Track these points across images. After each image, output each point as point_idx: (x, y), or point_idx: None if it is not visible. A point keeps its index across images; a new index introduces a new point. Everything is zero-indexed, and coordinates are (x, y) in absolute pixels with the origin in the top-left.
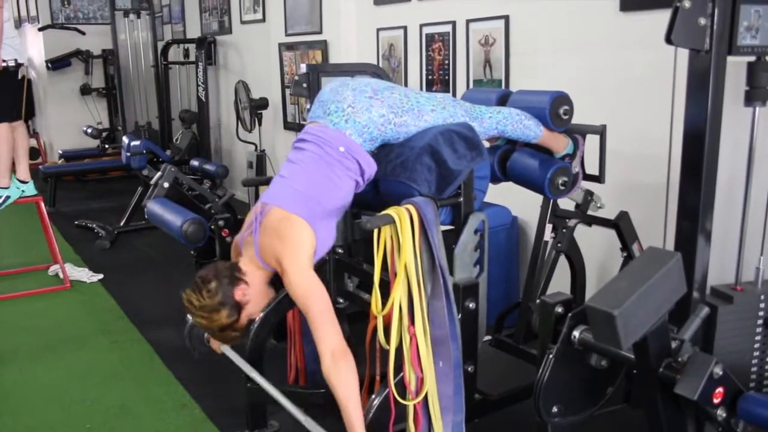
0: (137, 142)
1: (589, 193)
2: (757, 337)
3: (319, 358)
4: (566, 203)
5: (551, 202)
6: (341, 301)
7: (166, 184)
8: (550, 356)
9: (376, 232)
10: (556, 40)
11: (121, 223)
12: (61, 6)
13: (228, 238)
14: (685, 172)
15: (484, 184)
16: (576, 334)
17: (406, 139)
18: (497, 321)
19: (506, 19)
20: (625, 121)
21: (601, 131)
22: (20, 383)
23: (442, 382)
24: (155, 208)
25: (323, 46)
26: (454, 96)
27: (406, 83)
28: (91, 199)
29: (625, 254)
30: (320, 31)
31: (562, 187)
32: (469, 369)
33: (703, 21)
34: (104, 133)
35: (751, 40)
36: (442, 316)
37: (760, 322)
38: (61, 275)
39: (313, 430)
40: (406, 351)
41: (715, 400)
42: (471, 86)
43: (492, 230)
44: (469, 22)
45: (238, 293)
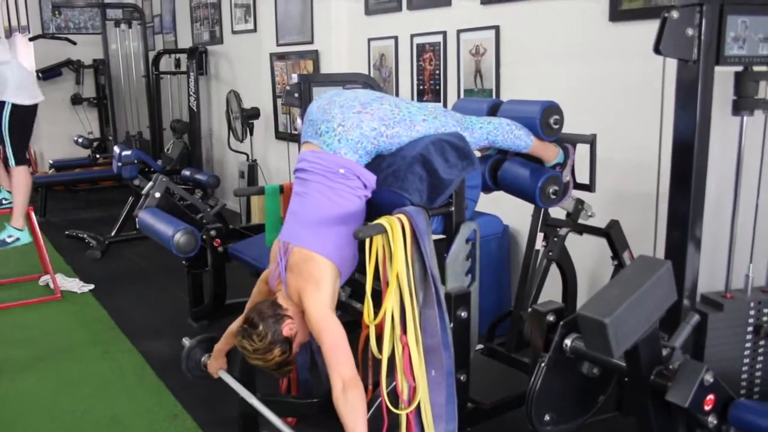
0: (128, 152)
1: (580, 202)
2: (748, 344)
3: (310, 368)
4: (557, 212)
5: (542, 211)
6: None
7: (158, 194)
8: (542, 365)
9: (368, 241)
10: (546, 50)
11: (112, 233)
12: (52, 16)
13: (219, 248)
14: (675, 180)
15: (475, 193)
16: (568, 342)
17: (398, 148)
18: (489, 330)
19: (497, 29)
20: (615, 131)
21: (592, 140)
22: (10, 394)
23: (435, 391)
24: (146, 218)
25: (314, 55)
26: (445, 106)
27: (398, 93)
28: (82, 209)
29: (615, 262)
30: (311, 41)
31: (553, 196)
32: (462, 378)
33: (690, 31)
34: (95, 143)
35: (738, 51)
36: (434, 325)
37: (750, 329)
38: (52, 286)
39: None
40: (399, 360)
41: (706, 408)
42: (462, 96)
43: (483, 239)
44: (459, 32)
45: (286, 329)
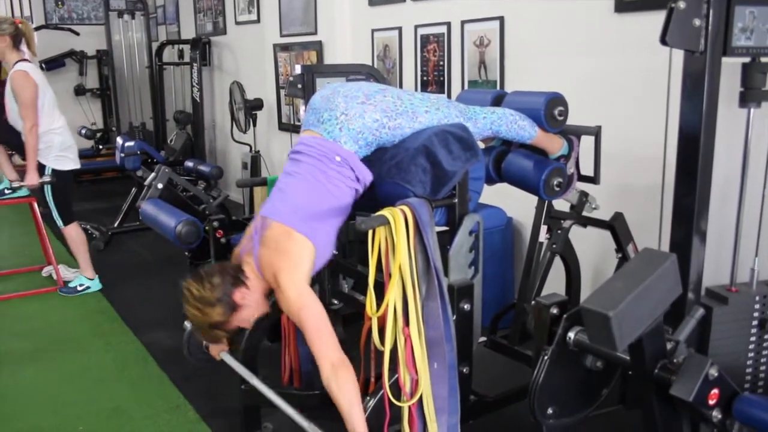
0: (131, 143)
1: (584, 194)
2: (752, 338)
3: (313, 359)
4: (561, 204)
5: (546, 203)
6: (336, 303)
7: (161, 185)
8: (545, 357)
9: (370, 233)
10: (551, 41)
11: (116, 224)
12: (55, 6)
13: (222, 239)
14: (680, 173)
15: (479, 185)
16: (571, 335)
17: (401, 140)
18: (492, 322)
19: (501, 20)
20: (620, 122)
21: (596, 132)
22: (13, 385)
23: (437, 383)
24: (149, 209)
25: (318, 46)
26: (449, 97)
27: (401, 84)
28: (85, 200)
29: (620, 255)
30: (315, 32)
31: (557, 189)
32: (464, 370)
33: (697, 22)
34: (98, 134)
35: (746, 42)
36: (436, 318)
37: (755, 323)
38: (55, 276)
39: None
40: (401, 352)
41: (711, 402)
42: (466, 87)
43: (487, 231)
44: (464, 23)
45: (238, 295)
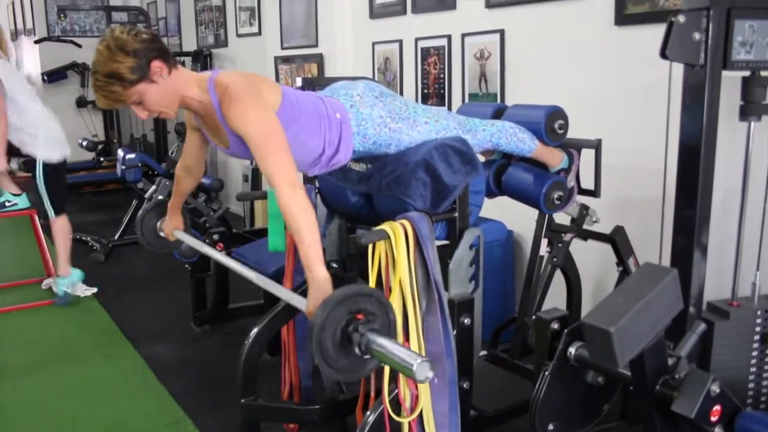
0: (132, 155)
1: (585, 208)
2: (754, 353)
3: (314, 373)
4: (562, 217)
5: (547, 216)
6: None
7: (161, 198)
8: (546, 373)
9: (370, 247)
10: (552, 54)
11: (116, 237)
12: (58, 19)
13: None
14: (681, 186)
15: (479, 198)
16: (572, 350)
17: (401, 153)
18: (493, 336)
19: (501, 33)
20: (620, 135)
21: (597, 145)
22: (12, 399)
23: (437, 398)
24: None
25: (319, 59)
26: (450, 110)
27: (402, 96)
28: (86, 212)
29: (620, 269)
30: (316, 45)
31: (558, 202)
32: (465, 385)
33: (697, 36)
34: (100, 146)
35: (746, 55)
36: (436, 332)
37: (757, 337)
38: (55, 289)
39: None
40: None
41: (713, 418)
42: (466, 100)
43: (487, 245)
44: (464, 36)
45: (156, 65)
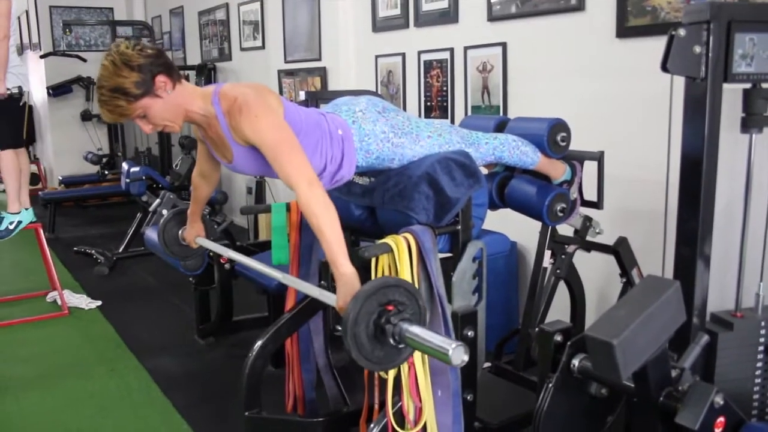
0: (137, 169)
1: (588, 219)
2: (759, 364)
3: (318, 384)
4: (565, 229)
5: (550, 228)
6: (340, 329)
7: (165, 211)
8: (550, 385)
9: (373, 260)
10: (554, 67)
11: (120, 250)
12: (63, 33)
13: (226, 265)
14: (683, 198)
15: (482, 211)
16: (575, 362)
17: (404, 167)
18: (497, 348)
19: (504, 46)
20: (622, 147)
21: (599, 157)
22: (17, 411)
23: (441, 411)
24: (154, 235)
25: (322, 72)
26: (452, 123)
27: (405, 109)
28: (91, 225)
29: (624, 280)
30: (319, 58)
31: (561, 214)
32: (468, 398)
33: (698, 49)
34: (104, 159)
35: (746, 68)
36: None
37: (761, 348)
38: (60, 302)
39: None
40: (405, 380)
41: (717, 430)
42: (469, 112)
43: (491, 257)
44: (467, 49)
45: (161, 79)
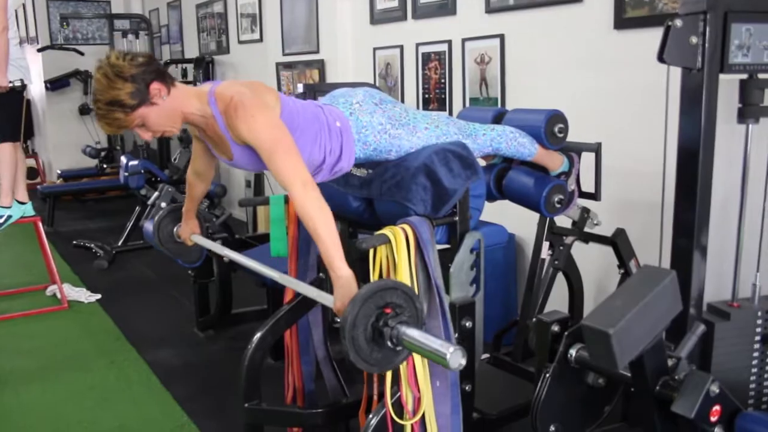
0: (135, 162)
1: (586, 211)
2: (755, 354)
3: (317, 376)
4: (563, 220)
5: (548, 219)
6: (339, 320)
7: (164, 204)
8: (547, 375)
9: (371, 251)
10: (551, 59)
11: (119, 243)
12: (61, 27)
13: (225, 258)
14: (680, 188)
15: (479, 202)
16: (573, 352)
17: (401, 158)
18: (495, 339)
19: (501, 37)
20: (620, 139)
21: (597, 149)
22: (17, 404)
23: (440, 401)
24: (152, 228)
25: (320, 65)
26: (450, 114)
27: (403, 101)
28: (90, 219)
29: (622, 271)
30: (317, 51)
31: (558, 205)
32: (467, 388)
33: (694, 39)
34: (103, 153)
35: (743, 59)
36: (438, 336)
37: (758, 338)
38: (59, 295)
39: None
40: (403, 371)
41: (713, 419)
42: (467, 104)
43: (488, 249)
44: (464, 40)
45: (155, 87)
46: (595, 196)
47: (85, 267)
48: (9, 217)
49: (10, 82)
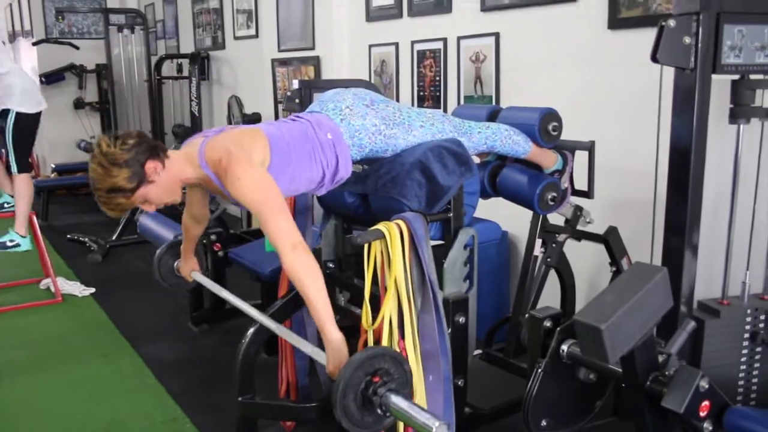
0: None
1: (579, 209)
2: (744, 351)
3: (310, 371)
4: (556, 218)
5: (541, 217)
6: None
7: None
8: (539, 370)
9: (366, 247)
10: (546, 57)
11: (113, 237)
12: (56, 21)
13: (220, 253)
14: (672, 187)
15: (473, 199)
16: (564, 348)
17: (396, 155)
18: (488, 335)
19: (497, 36)
20: (613, 138)
21: (590, 147)
22: (10, 397)
23: (433, 396)
24: (147, 222)
25: (316, 61)
26: (445, 112)
27: (398, 99)
28: (84, 213)
29: (614, 269)
30: (313, 47)
31: (552, 203)
32: (459, 383)
33: (687, 40)
34: None
35: (735, 59)
36: (431, 331)
37: (747, 335)
38: (53, 289)
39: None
40: None
41: (702, 414)
42: (462, 102)
43: (482, 245)
44: (460, 38)
45: (150, 166)
46: (588, 194)
47: (79, 261)
48: (18, 245)
49: (17, 113)
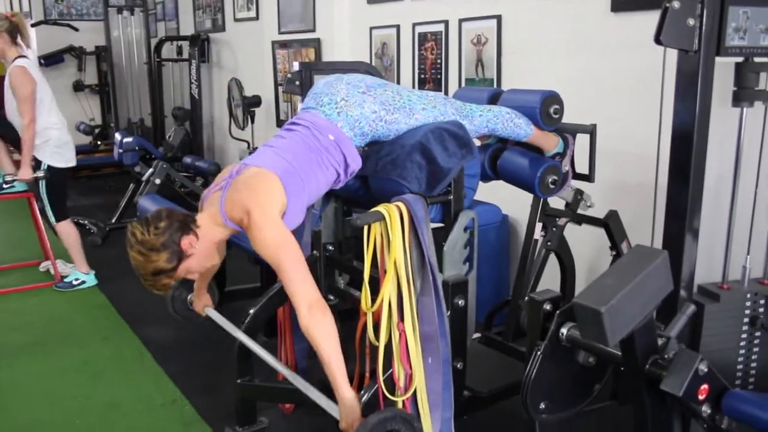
0: (130, 139)
1: (579, 192)
2: (743, 335)
3: (310, 354)
4: (556, 202)
5: (541, 200)
6: (332, 298)
7: (158, 181)
8: (538, 353)
9: (366, 229)
10: (548, 40)
11: (113, 220)
12: (55, 2)
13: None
14: (674, 171)
15: (474, 182)
16: (564, 331)
17: (397, 136)
18: (487, 318)
19: (498, 18)
20: (615, 121)
21: (591, 131)
22: (10, 379)
23: (431, 378)
24: (147, 204)
25: (316, 44)
26: (446, 95)
27: (399, 82)
28: (83, 196)
29: (614, 253)
30: (313, 29)
31: (552, 186)
32: (458, 365)
33: (691, 22)
34: (97, 130)
35: (739, 41)
36: (431, 313)
37: (746, 320)
38: (53, 271)
39: (311, 395)
40: (396, 347)
41: (700, 397)
42: (463, 85)
43: (482, 228)
44: (461, 21)
45: (185, 242)
46: (589, 178)
47: None
48: (83, 282)
49: (49, 166)
